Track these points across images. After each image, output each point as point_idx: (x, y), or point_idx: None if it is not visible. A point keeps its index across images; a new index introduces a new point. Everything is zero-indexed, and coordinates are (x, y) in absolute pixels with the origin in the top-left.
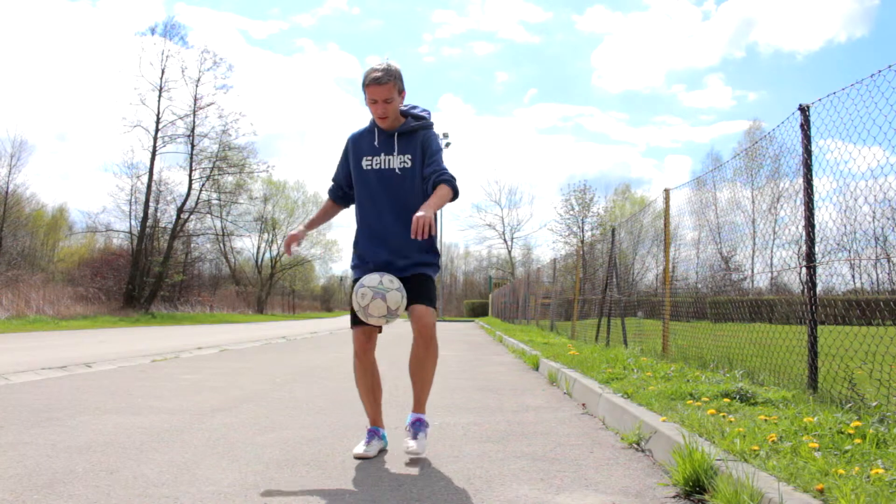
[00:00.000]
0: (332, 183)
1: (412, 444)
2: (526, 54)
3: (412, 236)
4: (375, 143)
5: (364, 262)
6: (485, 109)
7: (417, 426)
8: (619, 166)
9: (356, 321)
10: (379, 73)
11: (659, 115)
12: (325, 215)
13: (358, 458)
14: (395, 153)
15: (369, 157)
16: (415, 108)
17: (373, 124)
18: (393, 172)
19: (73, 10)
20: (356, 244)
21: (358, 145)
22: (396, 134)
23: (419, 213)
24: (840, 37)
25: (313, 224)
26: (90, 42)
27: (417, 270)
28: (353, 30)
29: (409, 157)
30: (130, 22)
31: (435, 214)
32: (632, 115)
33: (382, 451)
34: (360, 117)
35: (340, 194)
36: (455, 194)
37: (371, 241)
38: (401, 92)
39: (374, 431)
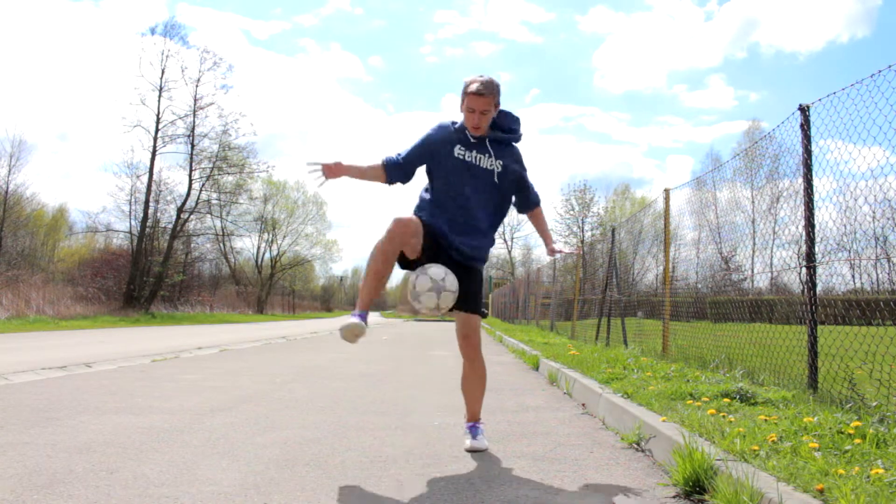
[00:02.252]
0: (396, 155)
1: (468, 441)
2: (528, 54)
3: (551, 255)
4: (471, 139)
5: (431, 215)
6: None
7: (473, 430)
8: (621, 166)
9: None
10: (481, 86)
11: (661, 116)
12: (365, 173)
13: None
14: (487, 155)
15: (462, 148)
16: (507, 113)
17: (463, 127)
18: (483, 170)
19: (76, 9)
20: (424, 209)
21: (449, 136)
22: (489, 140)
23: (554, 247)
24: (842, 37)
25: (351, 170)
26: (93, 42)
27: (473, 264)
28: (356, 30)
29: (501, 163)
30: (133, 22)
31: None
32: (633, 116)
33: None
34: (362, 117)
35: (399, 171)
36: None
37: (442, 214)
38: (496, 106)
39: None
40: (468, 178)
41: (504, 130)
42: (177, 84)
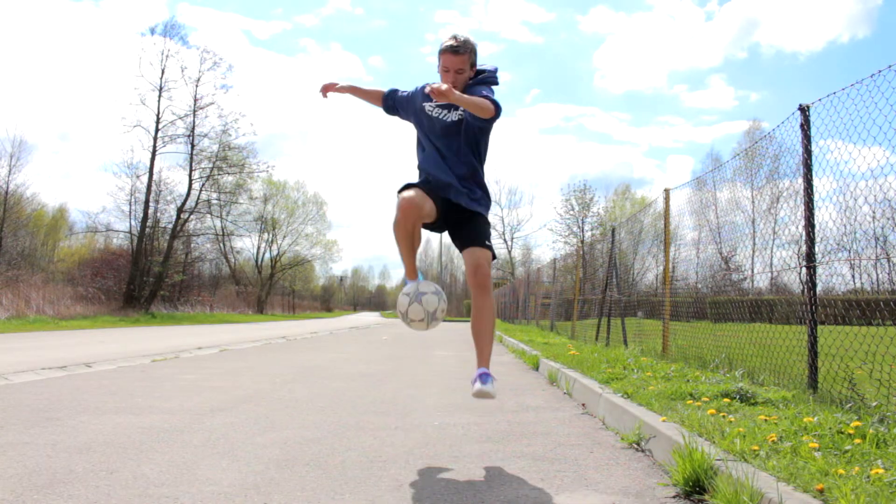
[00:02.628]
0: (396, 90)
1: (477, 384)
2: (528, 54)
3: (427, 91)
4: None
5: (427, 182)
6: None
7: (484, 378)
8: (621, 166)
9: (404, 188)
10: (456, 44)
11: (661, 116)
12: (369, 95)
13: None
14: (452, 108)
15: (431, 105)
16: (483, 68)
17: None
18: (450, 122)
19: (77, 9)
20: (421, 167)
21: (424, 93)
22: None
23: (438, 88)
24: (843, 37)
25: (356, 90)
26: (93, 42)
27: (475, 207)
28: (356, 30)
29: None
30: (133, 22)
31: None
32: (634, 116)
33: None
34: (362, 117)
35: (390, 102)
36: (497, 112)
37: (436, 167)
38: (472, 66)
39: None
40: (439, 133)
41: (477, 79)
42: (177, 84)
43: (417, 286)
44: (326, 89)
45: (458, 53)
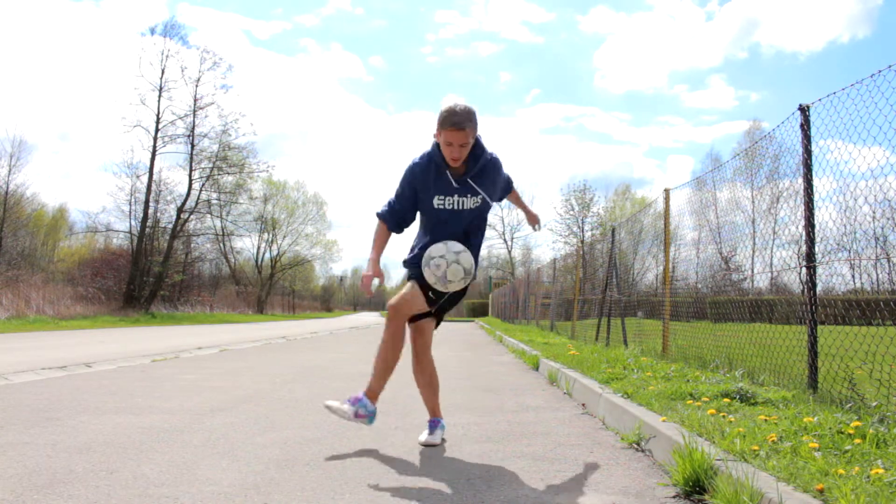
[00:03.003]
0: (389, 208)
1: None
2: (529, 54)
3: (535, 228)
4: (454, 184)
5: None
6: (487, 109)
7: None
8: (622, 166)
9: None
10: (460, 119)
11: (661, 116)
12: (386, 242)
13: (424, 445)
14: (470, 195)
15: (442, 197)
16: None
17: (440, 160)
18: (465, 212)
19: (77, 9)
20: (420, 245)
21: (427, 181)
22: (470, 178)
23: (535, 215)
24: (843, 37)
25: (380, 256)
26: (94, 42)
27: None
28: (357, 30)
29: (480, 197)
30: (134, 22)
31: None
32: (634, 116)
33: (443, 440)
34: (362, 117)
35: (399, 222)
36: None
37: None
38: (475, 136)
39: (435, 422)
40: (450, 222)
41: (476, 154)
42: (177, 84)
43: (446, 247)
44: (368, 287)
45: (464, 129)
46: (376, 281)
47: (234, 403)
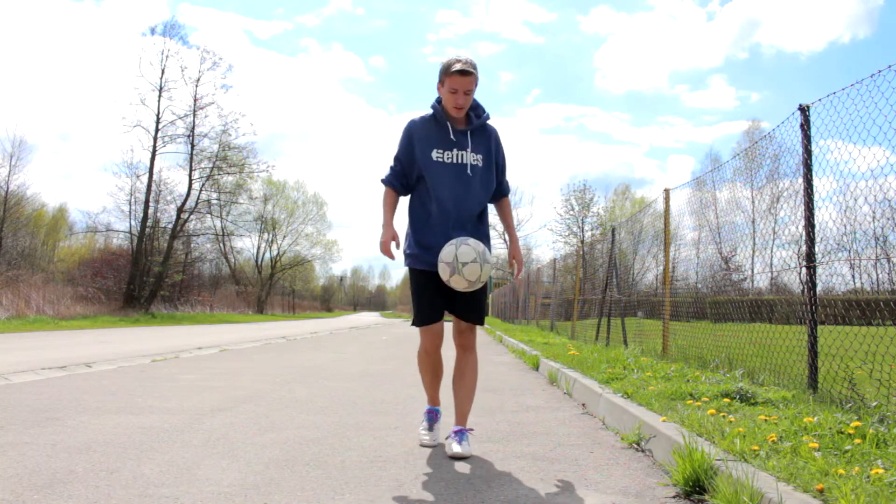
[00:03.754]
0: (392, 171)
1: (454, 446)
2: (530, 55)
3: (517, 276)
4: (451, 136)
5: (422, 248)
6: (488, 109)
7: (460, 435)
8: (622, 166)
9: (423, 321)
10: (466, 66)
11: (662, 116)
12: (395, 206)
13: (424, 446)
14: (469, 150)
15: (440, 150)
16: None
17: (441, 115)
18: (465, 168)
19: (78, 9)
20: (415, 230)
21: (426, 135)
22: (470, 131)
23: (521, 257)
24: (844, 38)
25: (392, 219)
26: (95, 42)
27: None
28: (358, 30)
29: (481, 156)
30: (135, 22)
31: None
32: (635, 116)
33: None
34: (363, 117)
35: (405, 183)
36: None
37: (434, 228)
38: (476, 85)
39: (433, 412)
40: (448, 182)
41: (477, 112)
42: (176, 84)
43: (456, 247)
44: (388, 250)
45: (470, 74)
46: (393, 245)
47: (234, 403)
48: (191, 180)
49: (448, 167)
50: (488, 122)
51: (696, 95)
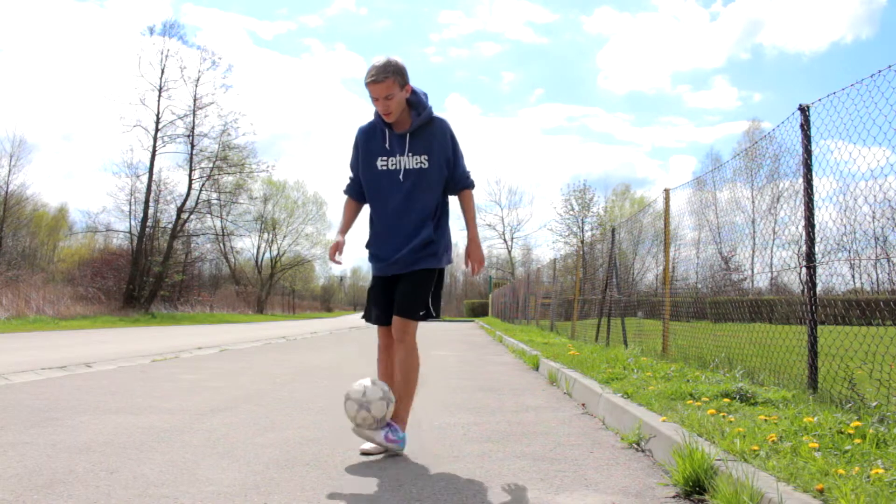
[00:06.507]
0: (350, 180)
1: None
2: (533, 55)
3: (473, 274)
4: (386, 144)
5: (377, 259)
6: (490, 109)
7: (392, 430)
8: (624, 166)
9: (369, 320)
10: (374, 73)
11: (664, 116)
12: (353, 215)
13: (364, 453)
14: (409, 154)
15: (385, 158)
16: (414, 90)
17: (379, 122)
18: (397, 174)
19: (81, 9)
20: (369, 242)
21: (369, 144)
22: (408, 135)
23: (478, 255)
24: (846, 38)
25: (347, 228)
26: (98, 42)
27: (417, 266)
28: (361, 30)
29: (426, 157)
30: (138, 22)
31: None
32: (637, 116)
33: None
34: (367, 117)
35: (359, 190)
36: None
37: (380, 237)
38: (403, 86)
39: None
40: (392, 189)
41: (418, 110)
42: (176, 84)
43: (365, 391)
44: (334, 253)
45: (380, 82)
46: (339, 256)
47: (233, 403)
48: (191, 180)
49: (384, 174)
50: (435, 116)
51: (699, 96)
